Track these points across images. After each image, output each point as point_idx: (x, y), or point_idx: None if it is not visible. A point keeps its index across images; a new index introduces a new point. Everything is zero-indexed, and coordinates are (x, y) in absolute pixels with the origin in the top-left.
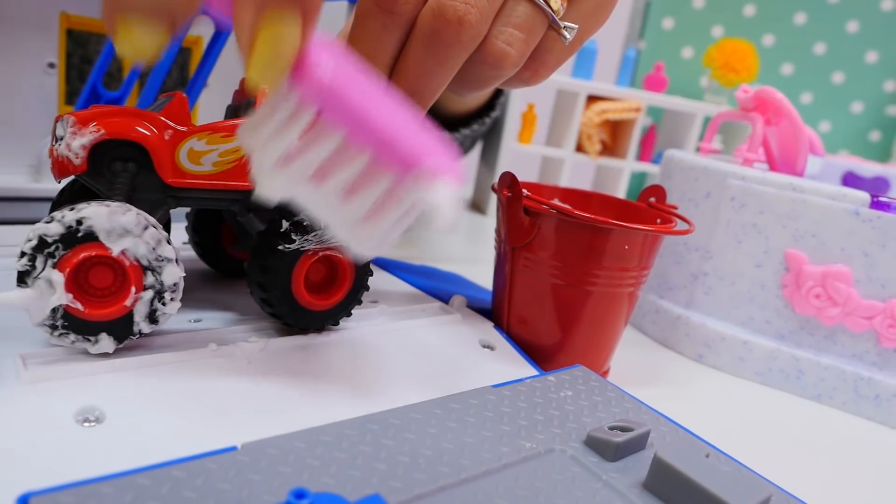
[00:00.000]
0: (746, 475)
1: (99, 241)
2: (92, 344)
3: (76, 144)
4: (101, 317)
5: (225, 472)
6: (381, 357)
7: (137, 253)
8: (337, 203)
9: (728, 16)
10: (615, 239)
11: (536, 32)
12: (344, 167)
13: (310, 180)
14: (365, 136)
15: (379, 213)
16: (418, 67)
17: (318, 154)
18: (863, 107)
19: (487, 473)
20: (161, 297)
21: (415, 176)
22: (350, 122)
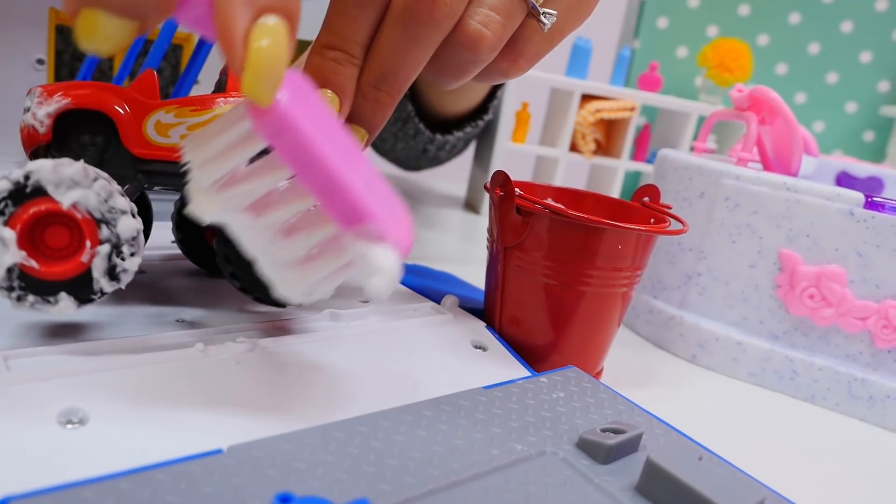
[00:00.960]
0: (740, 478)
1: (48, 196)
2: (52, 305)
3: (41, 113)
4: (57, 275)
5: (209, 476)
6: (372, 358)
7: (89, 205)
8: (271, 241)
9: (723, 15)
10: (608, 239)
11: (514, 16)
12: (285, 207)
13: (246, 210)
14: (314, 180)
15: (313, 262)
16: (391, 46)
17: (260, 187)
18: (857, 107)
19: (478, 476)
20: (119, 251)
21: (357, 233)
22: (301, 162)
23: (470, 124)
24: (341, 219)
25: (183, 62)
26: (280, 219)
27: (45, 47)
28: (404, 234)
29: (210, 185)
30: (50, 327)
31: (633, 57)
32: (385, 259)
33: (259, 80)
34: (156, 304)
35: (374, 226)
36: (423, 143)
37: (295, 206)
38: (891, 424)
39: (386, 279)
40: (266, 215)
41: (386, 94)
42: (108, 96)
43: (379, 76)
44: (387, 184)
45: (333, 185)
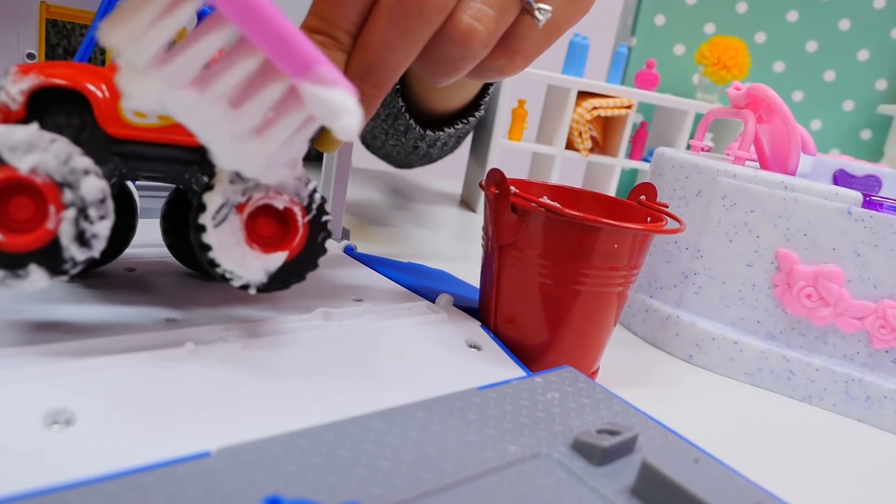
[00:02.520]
0: (735, 480)
1: (5, 163)
2: (23, 278)
3: (14, 90)
4: (24, 245)
5: (197, 479)
6: (365, 357)
7: (48, 168)
8: (223, 114)
9: (720, 13)
10: (604, 238)
11: (507, 11)
12: (231, 70)
13: (190, 85)
14: (259, 32)
15: (271, 126)
16: (379, 38)
17: (202, 52)
18: (854, 105)
19: (470, 479)
20: (86, 214)
21: (311, 79)
22: (244, 15)
23: (461, 121)
24: (292, 69)
25: None
26: (228, 85)
27: (36, 41)
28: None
29: (146, 63)
30: (35, 326)
31: (630, 54)
32: (345, 98)
33: None
34: (145, 302)
35: (325, 69)
36: (414, 139)
37: (241, 68)
38: (888, 425)
39: (352, 117)
40: (213, 85)
41: (372, 87)
42: (83, 75)
43: (365, 68)
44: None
45: (279, 34)
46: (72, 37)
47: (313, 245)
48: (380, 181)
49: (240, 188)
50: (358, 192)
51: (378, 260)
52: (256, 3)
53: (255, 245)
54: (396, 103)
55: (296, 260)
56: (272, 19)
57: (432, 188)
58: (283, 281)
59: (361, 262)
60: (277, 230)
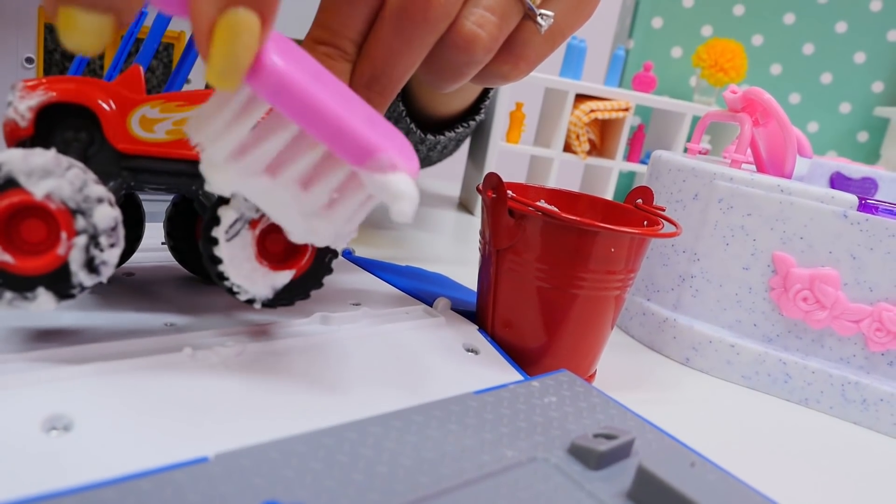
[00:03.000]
0: (732, 484)
1: (20, 187)
2: (30, 301)
3: (23, 107)
4: (34, 269)
5: (195, 484)
6: (362, 362)
7: (63, 195)
8: (293, 196)
9: (717, 15)
10: (601, 241)
11: (510, 17)
12: (298, 160)
13: (263, 173)
14: (319, 128)
15: (336, 205)
16: (384, 46)
17: (272, 146)
18: (851, 107)
19: (468, 483)
20: (97, 242)
21: (370, 167)
22: (304, 115)
23: (461, 125)
24: (352, 158)
25: (174, 60)
26: (297, 173)
27: (34, 46)
28: (411, 159)
29: (224, 160)
30: (34, 331)
31: (627, 57)
32: (403, 183)
33: (220, 73)
34: (144, 307)
35: (384, 156)
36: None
37: (308, 157)
38: (884, 428)
39: (409, 202)
40: (283, 173)
41: (378, 95)
42: (91, 90)
43: (371, 76)
44: (385, 119)
45: (337, 129)
46: None
47: (320, 264)
48: None
49: (254, 205)
50: None
51: (376, 264)
52: (316, 105)
53: (264, 262)
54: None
55: (302, 278)
56: (331, 117)
57: (430, 191)
58: (289, 298)
59: (359, 266)
60: (287, 248)
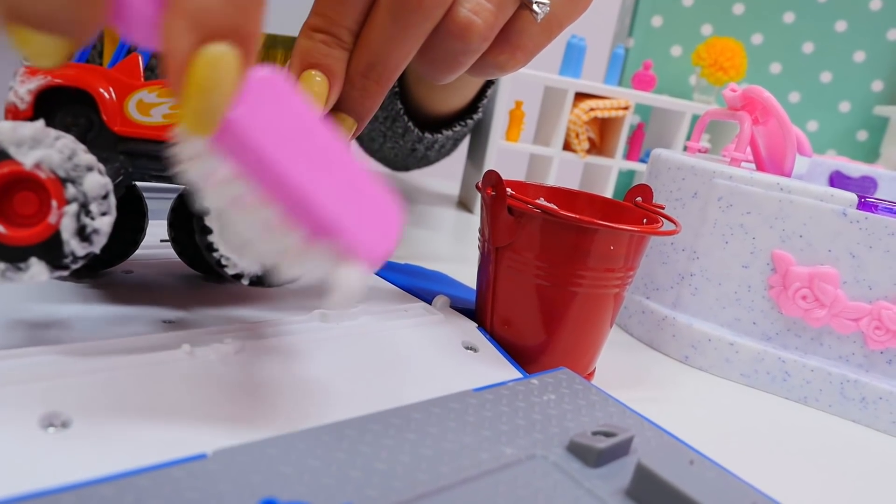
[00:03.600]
0: (731, 481)
1: (10, 158)
2: (23, 271)
3: (23, 90)
4: (25, 239)
5: (193, 481)
6: (361, 360)
7: (52, 164)
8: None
9: (717, 14)
10: (600, 239)
11: (506, 5)
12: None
13: (230, 204)
14: (277, 195)
15: (296, 252)
16: (380, 34)
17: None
18: (850, 106)
19: (466, 481)
20: (87, 210)
21: (323, 246)
22: (262, 179)
23: (459, 123)
24: (309, 230)
25: None
26: (258, 218)
27: None
28: (385, 238)
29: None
30: (31, 327)
31: (627, 55)
32: (347, 278)
33: (193, 114)
34: (142, 304)
35: (340, 243)
36: (412, 141)
37: (262, 214)
38: (883, 426)
39: (344, 297)
40: (245, 212)
41: (374, 83)
42: (90, 75)
43: (367, 64)
44: (375, 182)
45: (297, 201)
46: None
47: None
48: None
49: None
50: None
51: None
52: (278, 176)
53: None
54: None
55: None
56: (292, 189)
57: (429, 189)
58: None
59: None
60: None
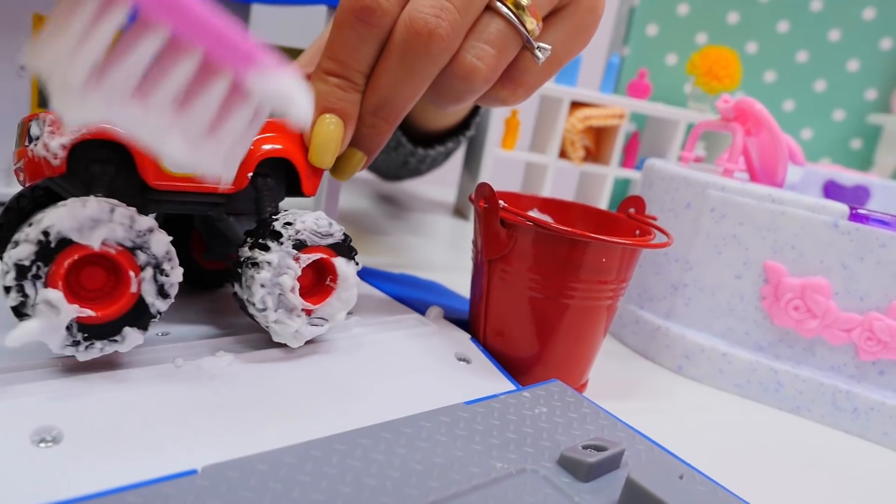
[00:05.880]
0: (721, 495)
1: (75, 243)
2: (120, 343)
3: (55, 144)
4: (115, 313)
5: (183, 497)
6: (354, 372)
7: (118, 238)
8: (170, 120)
9: (712, 23)
10: (593, 252)
11: (509, 50)
12: (171, 74)
13: (132, 97)
14: (194, 29)
15: (222, 122)
16: (390, 77)
17: (136, 62)
18: (844, 115)
19: (456, 496)
20: (161, 269)
21: (256, 71)
22: (177, 12)
23: (452, 139)
24: (235, 62)
25: None
26: (171, 90)
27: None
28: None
29: (82, 84)
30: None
31: (622, 64)
32: (294, 85)
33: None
34: None
35: (267, 57)
36: (405, 155)
37: (181, 70)
38: (875, 436)
39: (305, 103)
40: (155, 93)
41: (384, 121)
42: None
43: (377, 104)
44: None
45: (216, 27)
46: None
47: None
48: (372, 189)
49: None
50: (350, 201)
51: (369, 271)
52: (192, 4)
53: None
54: None
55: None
56: (209, 15)
57: (425, 197)
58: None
59: None
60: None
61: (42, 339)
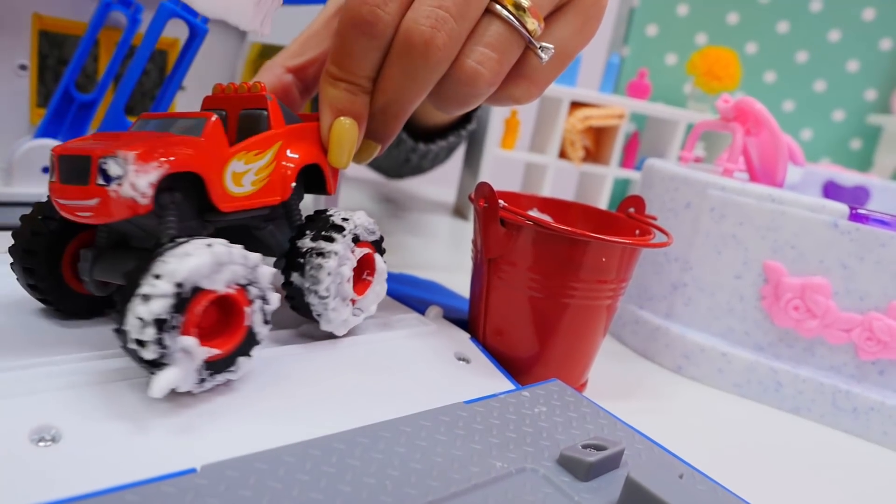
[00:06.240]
0: (721, 494)
1: (204, 290)
2: (234, 372)
3: (143, 183)
4: (232, 347)
5: (182, 496)
6: (353, 371)
7: (237, 277)
8: None
9: (712, 23)
10: (592, 251)
11: (511, 52)
12: None
13: None
14: None
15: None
16: (394, 83)
17: None
18: (844, 115)
19: (456, 495)
20: (265, 299)
21: None
22: None
23: (453, 134)
24: None
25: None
26: None
27: (28, 52)
28: None
29: None
30: (21, 342)
31: (622, 64)
32: None
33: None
34: None
35: None
36: (406, 151)
37: None
38: (875, 437)
39: None
40: None
41: (392, 118)
42: (199, 158)
43: (385, 103)
44: None
45: None
46: (61, 47)
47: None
48: (372, 189)
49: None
50: (350, 201)
51: None
52: None
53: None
54: None
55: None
56: None
57: (425, 197)
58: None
59: None
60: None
61: (177, 385)
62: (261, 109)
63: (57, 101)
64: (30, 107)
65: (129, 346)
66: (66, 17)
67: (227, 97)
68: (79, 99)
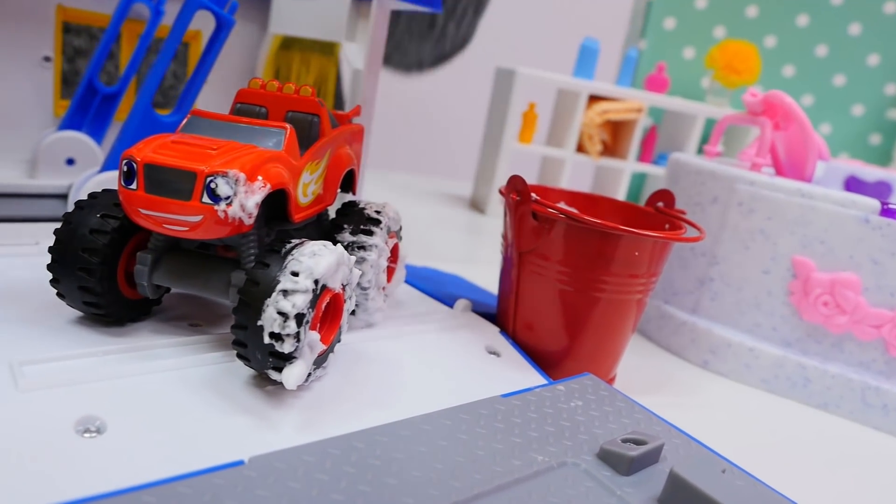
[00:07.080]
0: (762, 491)
1: (328, 287)
2: (325, 368)
3: (251, 204)
4: (329, 342)
5: (232, 488)
6: (388, 364)
7: (345, 277)
8: None
9: (730, 16)
10: (625, 245)
11: None
12: None
13: None
14: None
15: None
16: None
17: None
18: (864, 110)
19: (500, 489)
20: (351, 298)
21: None
22: None
23: None
24: None
25: (190, 60)
26: None
27: (52, 44)
28: None
29: None
30: (64, 334)
31: (640, 58)
32: None
33: None
34: (169, 308)
35: None
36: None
37: None
38: None
39: None
40: None
41: None
42: (284, 171)
43: None
44: None
45: None
46: (85, 39)
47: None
48: (389, 183)
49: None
50: (367, 195)
51: None
52: None
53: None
54: None
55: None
56: None
57: (442, 190)
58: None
59: None
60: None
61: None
62: (313, 115)
63: (81, 93)
64: (54, 98)
65: (265, 342)
66: (89, 10)
67: (269, 94)
68: (102, 91)
